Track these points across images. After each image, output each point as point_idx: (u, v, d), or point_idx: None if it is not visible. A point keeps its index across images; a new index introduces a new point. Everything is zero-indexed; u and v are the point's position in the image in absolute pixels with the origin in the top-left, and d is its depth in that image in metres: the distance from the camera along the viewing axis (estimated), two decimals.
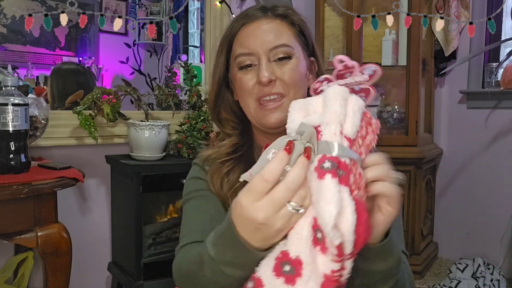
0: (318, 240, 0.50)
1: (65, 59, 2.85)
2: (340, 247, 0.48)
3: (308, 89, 0.83)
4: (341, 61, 0.57)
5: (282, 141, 0.53)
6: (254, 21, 0.82)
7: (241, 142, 0.90)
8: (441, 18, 2.03)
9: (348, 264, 0.50)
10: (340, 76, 0.58)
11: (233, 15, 2.18)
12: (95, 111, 1.67)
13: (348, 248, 0.48)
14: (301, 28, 0.85)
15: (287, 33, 0.82)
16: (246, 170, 0.62)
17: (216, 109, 0.91)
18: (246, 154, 0.89)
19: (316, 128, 0.53)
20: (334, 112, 0.52)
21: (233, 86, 0.88)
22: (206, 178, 0.87)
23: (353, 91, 0.55)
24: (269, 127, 0.82)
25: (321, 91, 0.57)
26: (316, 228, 0.50)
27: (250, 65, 0.81)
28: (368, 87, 0.56)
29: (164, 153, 1.78)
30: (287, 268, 0.51)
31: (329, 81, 0.59)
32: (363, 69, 0.56)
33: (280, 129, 0.79)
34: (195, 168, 0.92)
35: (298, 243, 0.51)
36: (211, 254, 0.60)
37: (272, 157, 0.52)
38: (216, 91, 0.89)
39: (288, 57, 0.81)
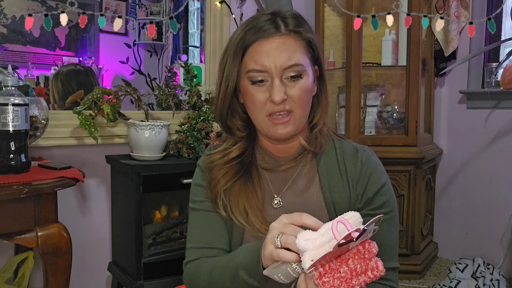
0: None
1: (65, 59, 2.85)
2: None
3: (312, 103, 0.89)
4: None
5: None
6: (268, 39, 0.83)
7: (248, 148, 0.93)
8: (441, 18, 2.03)
9: None
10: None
11: (233, 15, 2.18)
12: (95, 111, 1.67)
13: None
14: (311, 42, 0.87)
15: (299, 51, 0.84)
16: (244, 174, 0.90)
17: (227, 119, 0.92)
18: (247, 159, 0.93)
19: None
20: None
21: (241, 93, 0.90)
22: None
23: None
24: (276, 138, 0.87)
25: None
26: None
27: (262, 81, 0.84)
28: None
29: (164, 153, 1.78)
30: None
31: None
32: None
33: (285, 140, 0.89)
34: (198, 172, 0.98)
35: None
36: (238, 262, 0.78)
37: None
38: (228, 103, 0.89)
39: (299, 76, 0.84)
